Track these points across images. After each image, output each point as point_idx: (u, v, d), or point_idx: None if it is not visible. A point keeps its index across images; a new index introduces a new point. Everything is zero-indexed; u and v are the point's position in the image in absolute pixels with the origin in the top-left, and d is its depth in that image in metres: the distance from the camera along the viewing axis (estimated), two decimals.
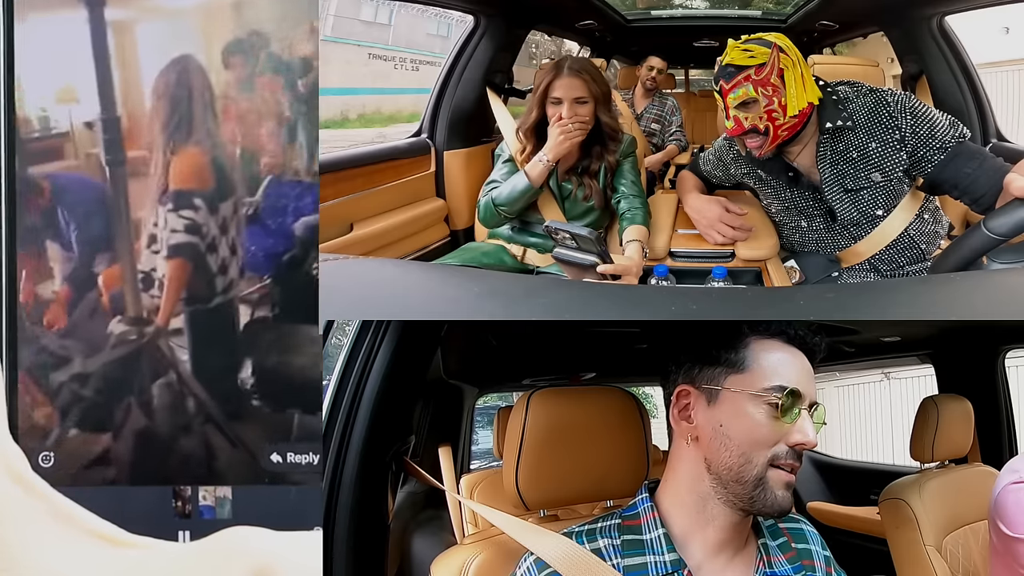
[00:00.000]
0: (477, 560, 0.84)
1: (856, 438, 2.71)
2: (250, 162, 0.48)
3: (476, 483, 1.44)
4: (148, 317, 0.45)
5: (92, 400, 0.45)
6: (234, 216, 0.46)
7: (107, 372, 0.45)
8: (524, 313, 0.80)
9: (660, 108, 2.53)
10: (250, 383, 0.47)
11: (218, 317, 0.47)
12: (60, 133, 0.49)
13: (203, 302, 0.45)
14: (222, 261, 0.46)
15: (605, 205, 1.54)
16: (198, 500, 0.44)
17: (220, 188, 0.46)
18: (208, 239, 0.45)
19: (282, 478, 0.45)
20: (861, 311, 0.89)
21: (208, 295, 0.46)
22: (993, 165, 1.25)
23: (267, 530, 0.33)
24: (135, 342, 0.44)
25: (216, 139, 0.47)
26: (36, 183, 0.46)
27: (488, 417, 2.07)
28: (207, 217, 0.45)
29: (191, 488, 0.44)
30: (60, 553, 0.30)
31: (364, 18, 2.12)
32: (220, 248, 0.45)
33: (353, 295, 0.82)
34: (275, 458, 0.45)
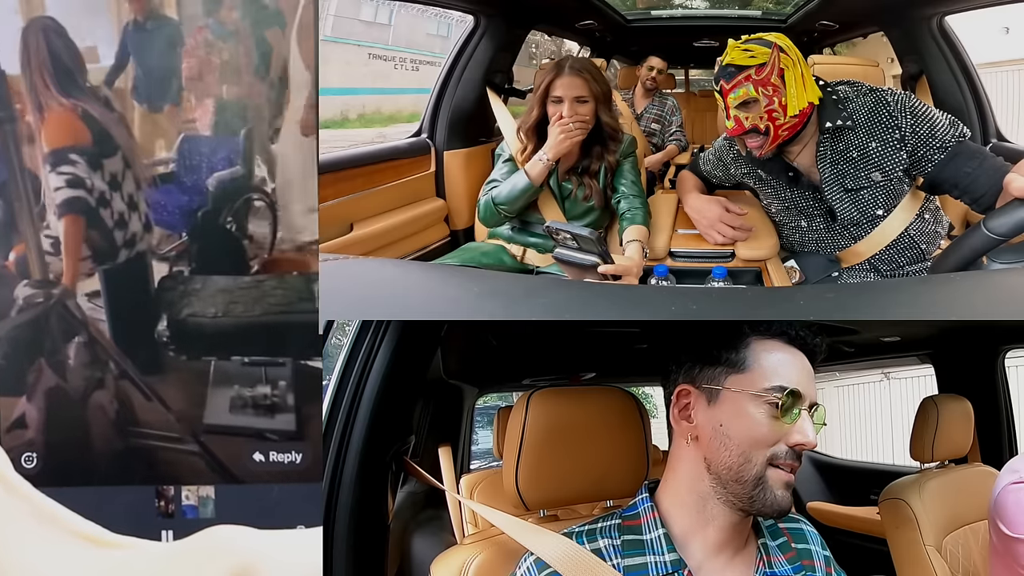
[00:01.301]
0: (477, 560, 0.85)
1: (856, 438, 2.71)
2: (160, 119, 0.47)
3: (476, 483, 1.44)
4: (55, 279, 0.45)
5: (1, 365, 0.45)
6: (127, 171, 0.45)
7: (17, 335, 0.45)
8: (524, 313, 0.80)
9: (660, 108, 2.53)
10: (165, 336, 0.47)
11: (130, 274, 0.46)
12: None
13: (109, 259, 0.45)
14: (119, 215, 0.46)
15: (605, 205, 1.54)
16: (181, 500, 0.44)
17: (102, 145, 0.45)
18: (95, 194, 0.45)
19: (265, 477, 0.45)
20: (861, 311, 0.89)
21: (110, 251, 0.45)
22: (993, 164, 1.25)
23: (249, 528, 0.34)
24: (42, 304, 0.45)
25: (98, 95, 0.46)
26: None
27: (488, 417, 2.07)
28: (89, 172, 0.45)
29: (174, 488, 0.44)
30: (43, 553, 0.30)
31: (364, 18, 2.12)
32: (114, 203, 0.45)
33: (353, 295, 0.82)
34: (258, 457, 0.45)
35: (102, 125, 0.45)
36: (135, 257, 0.45)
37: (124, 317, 0.45)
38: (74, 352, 0.44)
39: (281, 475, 0.44)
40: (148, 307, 0.45)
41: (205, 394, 0.46)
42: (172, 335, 0.45)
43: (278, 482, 0.44)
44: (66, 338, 0.44)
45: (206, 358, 0.45)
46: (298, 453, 0.44)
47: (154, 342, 0.45)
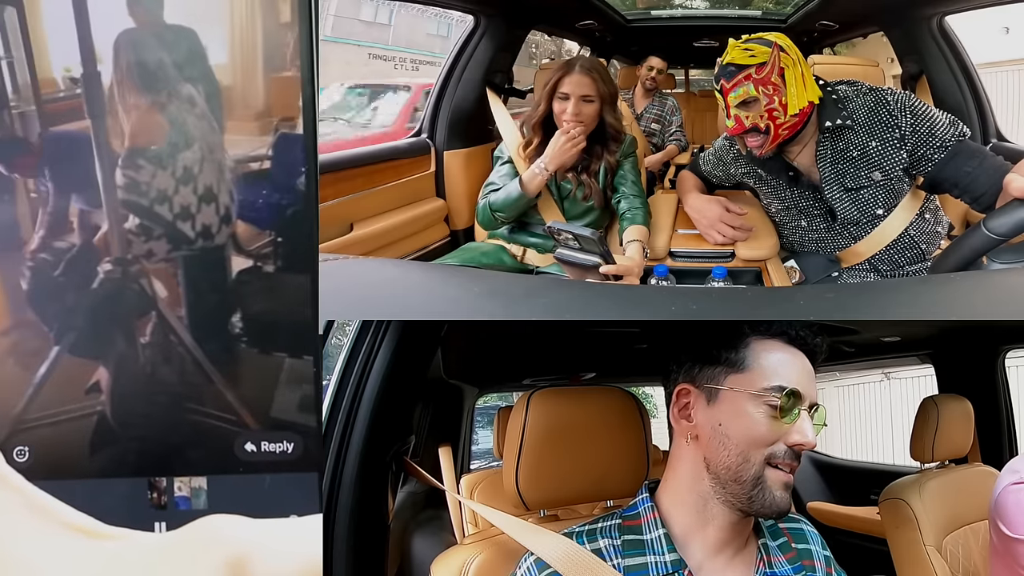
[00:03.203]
0: (477, 560, 0.84)
1: (856, 438, 2.71)
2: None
3: (476, 483, 1.44)
4: (133, 259, 0.45)
5: (83, 331, 0.46)
6: (204, 164, 0.46)
7: (97, 306, 0.46)
8: (524, 313, 0.80)
9: (660, 108, 2.53)
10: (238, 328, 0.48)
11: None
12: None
13: (182, 248, 0.46)
14: (185, 208, 0.46)
15: (605, 205, 1.54)
16: (173, 491, 0.44)
17: (177, 139, 0.46)
18: (153, 191, 0.45)
19: (256, 467, 0.45)
20: (861, 311, 0.89)
21: (181, 241, 0.46)
22: (993, 164, 1.25)
23: (243, 518, 0.33)
24: (119, 281, 0.45)
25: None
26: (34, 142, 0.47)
27: (488, 417, 2.07)
28: (154, 170, 0.45)
29: (166, 479, 0.44)
30: (35, 545, 0.30)
31: (364, 18, 2.12)
32: (178, 195, 0.46)
33: (353, 295, 0.82)
34: (249, 447, 0.44)
35: (179, 119, 0.45)
36: (212, 248, 0.45)
37: (197, 304, 0.45)
38: (148, 329, 0.45)
39: (273, 465, 0.44)
40: (223, 297, 0.45)
41: (274, 388, 0.46)
42: (245, 328, 0.45)
43: (271, 472, 0.44)
44: (139, 315, 0.45)
45: (278, 354, 0.46)
46: (290, 443, 0.44)
47: (226, 332, 0.45)
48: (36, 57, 0.48)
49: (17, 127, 0.47)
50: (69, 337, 0.46)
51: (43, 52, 0.48)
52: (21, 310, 0.46)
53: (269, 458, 0.44)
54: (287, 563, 0.32)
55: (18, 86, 0.47)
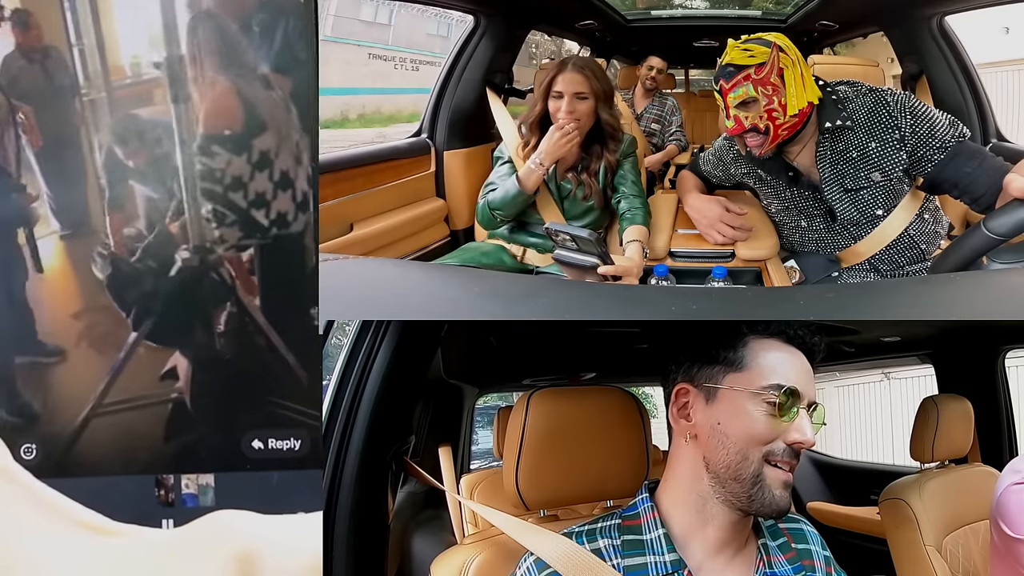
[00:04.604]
0: (477, 560, 0.84)
1: (856, 438, 2.71)
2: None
3: (476, 483, 1.44)
4: (210, 247, 0.46)
5: (162, 316, 0.46)
6: (281, 150, 0.46)
7: (173, 293, 0.46)
8: (524, 313, 0.80)
9: (660, 108, 2.53)
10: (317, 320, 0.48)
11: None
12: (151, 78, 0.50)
13: (256, 236, 0.46)
14: (260, 195, 0.47)
15: (605, 205, 1.54)
16: (181, 488, 0.44)
17: (252, 124, 0.46)
18: (228, 177, 0.46)
19: (264, 464, 0.45)
20: (861, 311, 0.89)
21: (255, 228, 0.46)
22: (993, 164, 1.25)
23: (251, 513, 0.33)
24: (197, 268, 0.46)
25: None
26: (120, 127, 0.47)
27: (488, 417, 2.07)
28: (230, 155, 0.46)
29: (173, 476, 0.44)
30: (44, 542, 0.30)
31: (364, 18, 2.12)
32: (254, 182, 0.46)
33: (353, 295, 0.82)
34: (256, 444, 0.45)
35: (256, 104, 0.45)
36: (289, 236, 0.45)
37: (275, 293, 0.46)
38: (224, 318, 0.45)
39: (280, 462, 0.44)
40: (303, 287, 0.45)
41: (287, 382, 0.47)
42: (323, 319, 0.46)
43: (277, 469, 0.44)
44: (217, 303, 0.45)
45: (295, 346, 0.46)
46: (297, 440, 0.44)
47: (305, 322, 0.46)
48: (107, 45, 0.48)
49: (88, 114, 0.47)
50: (147, 324, 0.46)
51: (114, 39, 0.48)
52: (96, 296, 0.46)
53: (276, 455, 0.44)
54: (294, 558, 0.32)
55: (88, 74, 0.47)
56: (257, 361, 0.46)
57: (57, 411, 0.45)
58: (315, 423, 0.45)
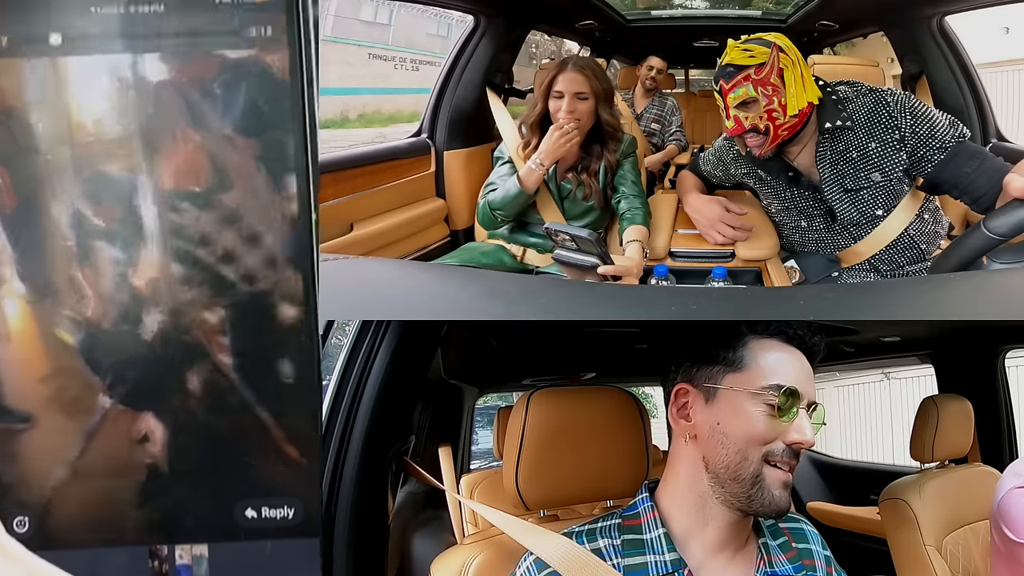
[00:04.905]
0: (477, 560, 0.84)
1: (856, 438, 2.71)
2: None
3: (476, 483, 1.44)
4: (182, 308, 0.45)
5: (133, 382, 0.46)
6: (248, 207, 0.46)
7: (146, 356, 0.46)
8: (524, 313, 0.80)
9: (660, 108, 2.53)
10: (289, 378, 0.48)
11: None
12: None
13: (224, 294, 0.46)
14: (228, 252, 0.46)
15: (605, 205, 1.54)
16: (175, 559, 0.44)
17: (221, 180, 0.46)
18: (196, 234, 0.45)
19: (258, 533, 0.45)
20: (861, 311, 0.89)
21: (221, 286, 0.46)
22: (993, 165, 1.25)
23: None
24: (169, 331, 0.45)
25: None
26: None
27: (488, 417, 2.07)
28: (197, 212, 0.45)
29: (167, 547, 0.44)
30: None
31: (364, 18, 2.12)
32: (222, 239, 0.46)
33: (353, 295, 0.82)
34: (249, 513, 0.44)
35: (223, 161, 0.45)
36: (257, 294, 0.44)
37: (247, 352, 0.45)
38: (197, 379, 0.44)
39: (274, 531, 0.43)
40: (272, 345, 0.45)
41: (280, 448, 0.46)
42: (295, 376, 0.45)
43: (272, 538, 0.43)
44: (189, 364, 0.44)
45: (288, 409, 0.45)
46: (291, 508, 0.43)
47: (277, 380, 0.45)
48: (70, 104, 0.48)
49: (52, 174, 0.46)
50: (120, 388, 0.45)
51: (76, 99, 0.48)
52: (64, 359, 0.46)
53: (270, 524, 0.44)
54: None
55: (52, 133, 0.47)
56: (233, 424, 0.45)
57: (34, 479, 0.45)
58: (311, 490, 0.45)
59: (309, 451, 0.45)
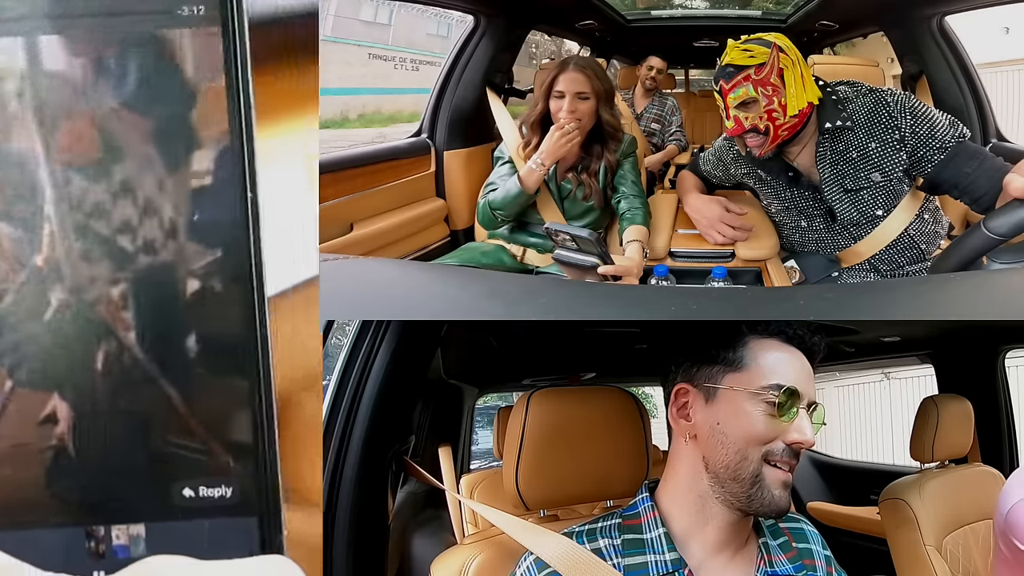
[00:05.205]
0: (477, 560, 0.84)
1: (856, 438, 2.71)
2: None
3: (476, 483, 1.44)
4: (85, 284, 0.45)
5: (36, 362, 0.45)
6: (142, 178, 0.45)
7: (50, 336, 0.45)
8: (524, 313, 0.80)
9: (660, 108, 2.53)
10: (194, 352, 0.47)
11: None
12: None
13: (127, 267, 0.45)
14: (124, 223, 0.46)
15: (605, 205, 1.54)
16: (111, 539, 0.43)
17: (112, 152, 0.45)
18: (87, 206, 0.45)
19: (196, 512, 0.44)
20: (861, 311, 0.89)
21: (124, 259, 0.46)
22: (993, 165, 1.25)
23: (185, 558, 0.33)
24: (73, 308, 0.45)
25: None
26: None
27: (488, 417, 2.07)
28: (89, 183, 0.45)
29: (103, 527, 0.43)
30: None
31: (364, 18, 2.13)
32: (117, 210, 0.45)
33: (353, 295, 0.82)
34: (187, 493, 0.44)
35: (114, 132, 0.44)
36: (159, 266, 0.44)
37: (151, 326, 0.44)
38: (102, 357, 0.44)
39: (212, 511, 0.43)
40: (178, 319, 0.44)
41: (231, 413, 0.45)
42: (202, 350, 0.44)
43: (209, 518, 0.43)
44: (95, 342, 0.44)
45: (237, 378, 0.44)
46: (228, 487, 0.43)
47: (184, 355, 0.44)
48: None
49: None
50: (23, 369, 0.44)
51: None
52: None
53: (208, 503, 0.43)
54: None
55: None
56: (142, 402, 0.45)
57: None
58: (245, 469, 0.44)
59: (241, 431, 0.44)
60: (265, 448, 0.45)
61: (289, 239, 0.55)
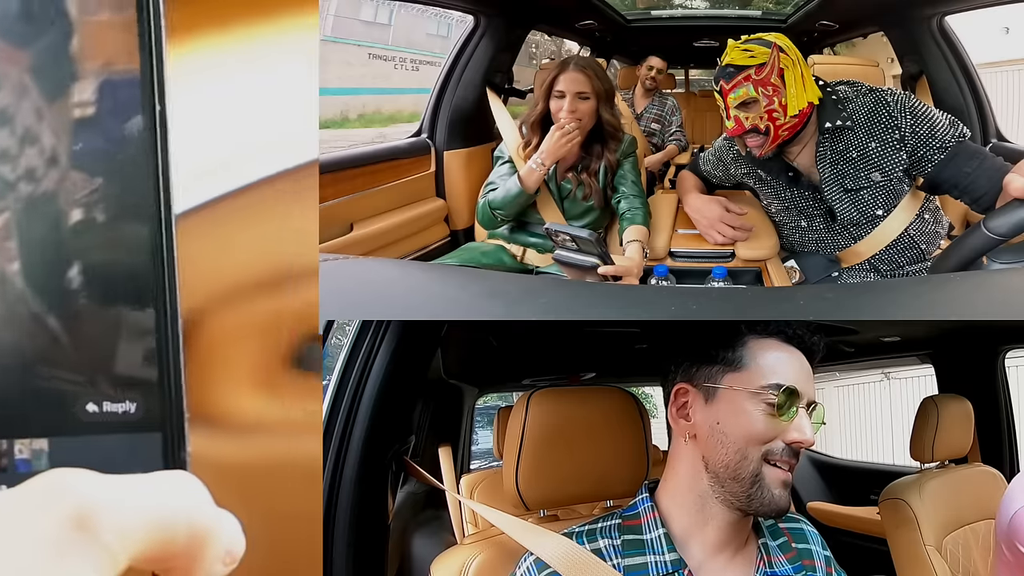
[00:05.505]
0: (477, 560, 0.84)
1: (856, 438, 2.71)
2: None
3: (476, 483, 1.44)
4: None
5: None
6: (20, 105, 0.44)
7: None
8: (524, 313, 0.80)
9: (660, 108, 2.53)
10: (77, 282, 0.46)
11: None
12: None
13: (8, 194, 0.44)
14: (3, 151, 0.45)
15: (605, 205, 1.54)
16: (14, 453, 0.43)
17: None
18: None
19: (99, 428, 0.44)
20: (861, 311, 0.89)
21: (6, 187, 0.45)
22: (993, 164, 1.25)
23: (89, 472, 0.32)
24: None
25: None
26: None
27: (488, 417, 2.07)
28: None
29: (6, 442, 0.43)
30: None
31: (364, 18, 2.13)
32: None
33: (353, 295, 0.82)
34: (91, 408, 0.44)
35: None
36: (40, 195, 0.43)
37: (34, 257, 0.43)
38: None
39: (116, 426, 0.43)
40: (60, 249, 0.43)
41: (118, 343, 0.44)
42: (85, 281, 0.43)
43: (114, 433, 0.43)
44: None
45: (120, 307, 0.44)
46: (132, 403, 0.42)
47: (65, 286, 0.43)
48: None
49: None
50: None
51: None
52: None
53: (112, 419, 0.43)
54: (136, 516, 0.31)
55: None
56: (19, 332, 0.44)
57: None
58: (152, 384, 0.44)
59: (145, 351, 0.44)
60: (170, 366, 0.44)
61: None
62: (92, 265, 0.45)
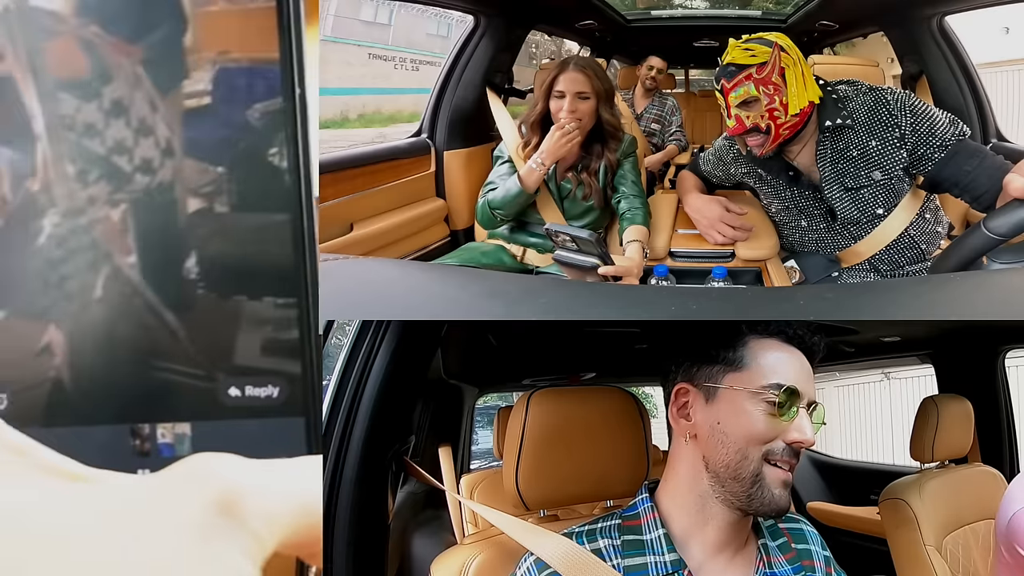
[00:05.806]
0: (477, 560, 0.84)
1: (856, 438, 2.71)
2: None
3: (476, 483, 1.44)
4: (80, 208, 0.43)
5: (30, 291, 0.44)
6: (135, 96, 0.44)
7: (44, 263, 0.44)
8: (524, 313, 0.80)
9: (660, 108, 2.53)
10: (194, 273, 0.46)
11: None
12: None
13: (125, 187, 0.44)
14: (118, 142, 0.45)
15: (605, 205, 1.54)
16: (156, 438, 0.43)
17: (101, 72, 0.44)
18: (80, 126, 0.43)
19: (242, 412, 0.44)
20: (861, 311, 0.89)
21: (122, 179, 0.44)
22: (993, 163, 1.25)
23: (234, 456, 0.32)
24: (68, 233, 0.43)
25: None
26: None
27: (488, 417, 2.07)
28: (79, 103, 0.43)
29: (149, 426, 0.43)
30: (10, 486, 0.29)
31: (364, 18, 2.13)
32: (110, 130, 0.44)
33: (353, 295, 0.82)
34: (233, 392, 0.43)
35: (100, 51, 0.43)
36: (157, 187, 0.43)
37: (151, 249, 0.43)
38: (101, 283, 0.43)
39: (259, 410, 0.42)
40: (177, 240, 0.43)
41: (235, 334, 0.44)
42: (202, 272, 0.43)
43: (256, 417, 0.42)
44: (93, 268, 0.42)
45: (237, 297, 0.43)
46: (275, 387, 0.42)
47: (182, 277, 0.43)
48: None
49: None
50: (16, 299, 0.43)
51: None
52: None
53: (254, 403, 0.43)
54: (282, 501, 0.30)
55: None
56: (135, 326, 0.44)
57: None
58: (295, 372, 0.44)
59: (289, 337, 0.44)
60: (312, 351, 0.44)
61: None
62: (246, 255, 0.44)
